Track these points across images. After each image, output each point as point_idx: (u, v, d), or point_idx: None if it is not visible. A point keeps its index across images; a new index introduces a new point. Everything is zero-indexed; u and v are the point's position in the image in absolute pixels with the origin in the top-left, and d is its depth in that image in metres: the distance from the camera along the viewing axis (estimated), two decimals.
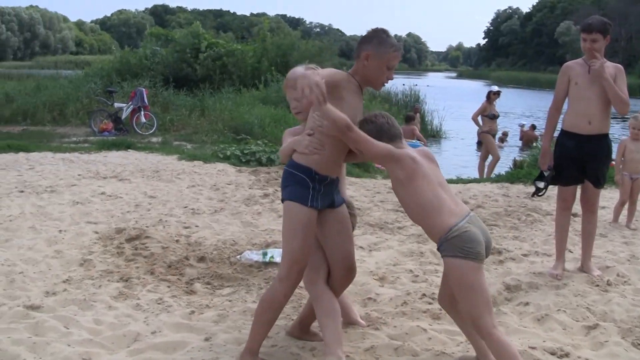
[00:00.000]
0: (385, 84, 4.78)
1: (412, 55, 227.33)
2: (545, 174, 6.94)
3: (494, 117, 16.15)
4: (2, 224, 8.75)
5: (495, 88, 16.60)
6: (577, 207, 7.30)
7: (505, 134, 26.35)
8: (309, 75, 4.11)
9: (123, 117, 22.17)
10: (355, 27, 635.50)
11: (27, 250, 7.56)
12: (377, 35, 4.56)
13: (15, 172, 12.58)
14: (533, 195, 7.27)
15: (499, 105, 17.19)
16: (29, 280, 6.48)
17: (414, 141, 17.37)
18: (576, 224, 8.30)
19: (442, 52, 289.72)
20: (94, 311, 5.65)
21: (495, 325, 4.19)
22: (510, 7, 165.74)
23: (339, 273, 4.71)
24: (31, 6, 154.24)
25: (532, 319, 5.56)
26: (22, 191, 10.99)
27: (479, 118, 16.21)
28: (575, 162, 6.67)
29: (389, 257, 7.45)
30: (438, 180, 4.37)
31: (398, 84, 34.03)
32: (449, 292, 4.48)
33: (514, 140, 26.59)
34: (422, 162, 4.37)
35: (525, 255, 7.61)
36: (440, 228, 4.23)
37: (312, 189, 4.48)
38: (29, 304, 5.72)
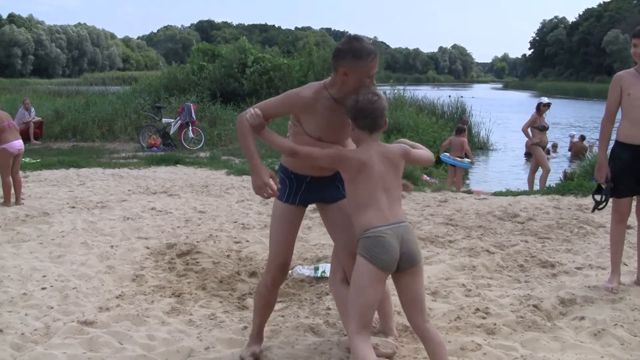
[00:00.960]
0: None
1: (458, 67, 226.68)
2: (603, 186, 6.82)
3: (544, 128, 15.99)
4: (55, 240, 8.84)
5: (545, 100, 16.43)
6: (631, 219, 7.19)
7: (555, 146, 26.10)
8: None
9: (171, 132, 22.34)
10: (400, 39, 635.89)
11: (80, 265, 7.63)
12: (352, 48, 4.42)
13: (67, 188, 12.72)
14: (593, 209, 7.13)
15: (547, 116, 17.01)
16: (82, 296, 6.53)
17: (459, 160, 17.05)
18: (630, 236, 8.17)
19: (487, 63, 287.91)
20: (147, 327, 5.66)
21: (360, 332, 4.24)
22: (556, 17, 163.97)
23: (349, 268, 4.70)
24: (79, 24, 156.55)
25: (589, 333, 5.44)
26: (73, 207, 11.10)
27: (529, 130, 16.05)
28: (632, 173, 6.54)
29: (440, 271, 7.37)
30: (384, 185, 4.40)
31: (444, 95, 33.87)
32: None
33: (563, 151, 26.31)
34: (373, 165, 4.40)
35: (579, 268, 7.47)
36: (361, 225, 4.34)
37: (289, 187, 4.86)
38: (83, 320, 5.76)
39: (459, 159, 16.68)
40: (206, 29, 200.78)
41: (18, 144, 11.50)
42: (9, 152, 11.34)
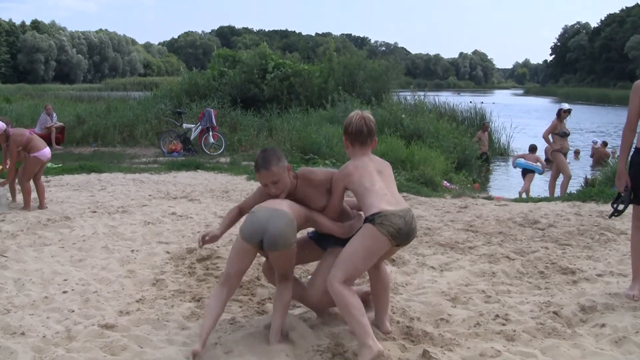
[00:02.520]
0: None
1: (479, 73, 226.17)
2: (622, 194, 6.77)
3: (565, 134, 15.95)
4: (76, 244, 8.88)
5: (565, 106, 16.39)
6: None
7: (577, 152, 26.02)
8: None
9: (192, 137, 22.39)
10: (420, 45, 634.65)
11: (101, 270, 7.67)
12: (255, 159, 5.59)
13: (88, 193, 12.78)
14: (611, 216, 7.10)
15: (568, 122, 16.96)
16: (103, 300, 6.56)
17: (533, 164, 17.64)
18: None
19: (508, 69, 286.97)
20: (167, 331, 5.68)
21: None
22: (578, 22, 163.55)
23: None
24: (100, 30, 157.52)
25: (610, 341, 5.40)
26: (94, 211, 11.16)
27: (550, 136, 16.00)
28: None
29: (460, 277, 7.35)
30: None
31: (465, 101, 33.81)
32: None
33: (585, 157, 26.20)
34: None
35: (599, 275, 7.42)
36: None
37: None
38: (103, 323, 5.79)
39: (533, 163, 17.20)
40: (227, 35, 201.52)
41: (48, 151, 11.66)
42: (40, 160, 11.47)
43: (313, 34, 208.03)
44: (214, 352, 5.09)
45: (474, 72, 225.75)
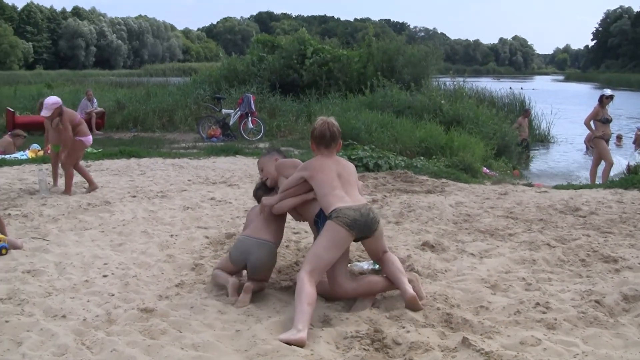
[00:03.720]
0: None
1: (518, 59, 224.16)
2: None
3: (607, 121, 15.76)
4: (116, 229, 8.95)
5: (608, 92, 16.19)
6: None
7: (620, 137, 25.73)
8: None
9: (231, 123, 22.45)
10: (460, 30, 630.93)
11: (140, 254, 7.71)
12: None
13: (128, 178, 12.86)
14: None
15: (610, 108, 16.73)
16: (142, 284, 6.59)
17: None
18: None
19: (548, 54, 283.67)
20: (205, 315, 5.69)
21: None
22: (620, 7, 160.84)
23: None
24: (140, 16, 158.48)
25: None
26: (134, 196, 11.23)
27: (592, 122, 15.82)
28: None
29: (500, 265, 7.28)
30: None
31: (504, 87, 33.55)
32: None
33: (628, 143, 25.90)
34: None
35: None
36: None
37: None
38: (142, 307, 5.81)
39: None
40: (265, 21, 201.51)
41: (91, 138, 11.87)
42: (85, 145, 11.67)
43: (352, 20, 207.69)
44: (252, 331, 5.10)
45: (514, 58, 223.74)
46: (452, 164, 15.63)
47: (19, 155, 16.98)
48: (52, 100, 11.55)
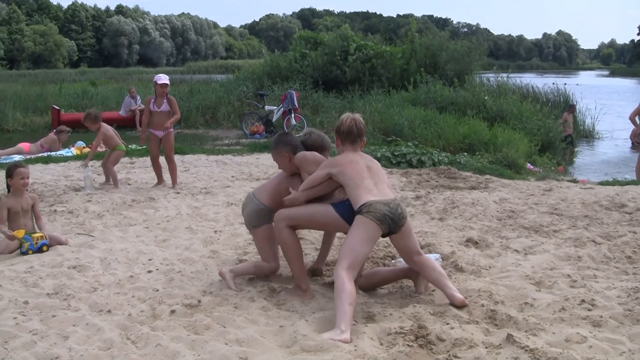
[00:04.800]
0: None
1: (562, 54, 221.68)
2: None
3: None
4: (160, 224, 9.03)
5: None
6: None
7: None
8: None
9: (274, 119, 22.45)
10: (503, 26, 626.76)
11: (185, 250, 7.77)
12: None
13: (165, 175, 12.94)
14: None
15: None
16: (186, 280, 6.64)
17: None
18: None
19: (593, 49, 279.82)
20: (249, 311, 5.71)
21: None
22: None
23: None
24: (183, 13, 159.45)
25: None
26: (178, 192, 11.33)
27: (637, 118, 15.61)
28: None
29: (545, 261, 7.22)
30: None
31: (547, 83, 33.26)
32: None
33: None
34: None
35: None
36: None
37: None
38: (187, 303, 5.86)
39: None
40: (308, 17, 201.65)
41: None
42: (155, 136, 12.03)
43: (394, 16, 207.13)
44: (296, 327, 5.10)
45: (558, 53, 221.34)
46: (496, 160, 15.54)
47: (64, 152, 17.16)
48: (165, 76, 12.45)
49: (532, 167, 16.47)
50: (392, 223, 5.67)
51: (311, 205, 6.14)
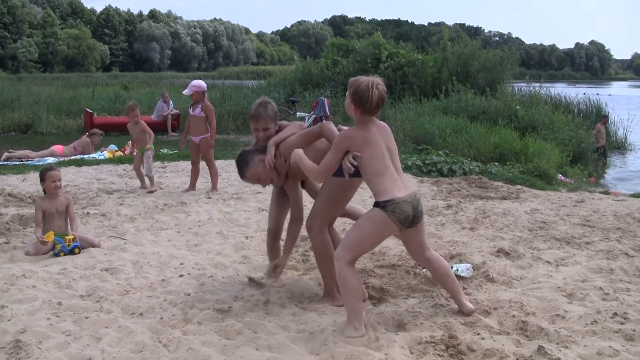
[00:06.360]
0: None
1: (595, 64, 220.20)
2: None
3: None
4: (192, 229, 9.08)
5: None
6: None
7: None
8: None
9: (306, 126, 22.43)
10: (535, 35, 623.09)
11: (216, 255, 7.82)
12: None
13: (203, 179, 12.98)
14: None
15: None
16: (218, 285, 6.69)
17: None
18: None
19: (626, 60, 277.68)
20: (280, 317, 5.74)
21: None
22: None
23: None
24: (215, 19, 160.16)
25: None
26: (209, 197, 11.38)
27: None
28: None
29: (576, 273, 7.17)
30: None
31: (579, 93, 33.04)
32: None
33: None
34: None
35: None
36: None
37: None
38: (218, 308, 5.91)
39: None
40: (339, 24, 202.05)
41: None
42: (192, 141, 12.25)
43: (425, 24, 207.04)
44: (326, 334, 5.12)
45: (590, 63, 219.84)
46: (527, 170, 15.47)
47: (96, 155, 17.32)
48: (199, 82, 12.22)
49: (563, 178, 16.39)
50: (411, 222, 5.34)
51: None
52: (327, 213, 6.07)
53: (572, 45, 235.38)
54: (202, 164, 12.37)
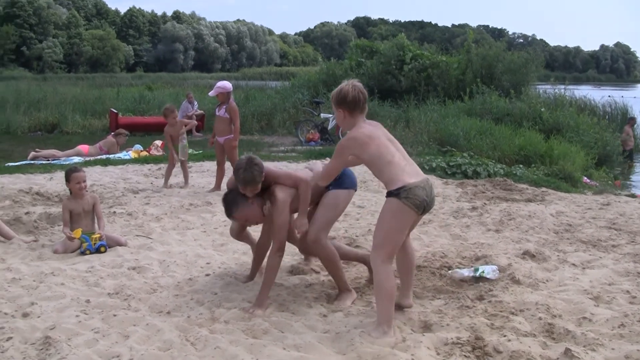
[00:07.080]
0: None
1: (620, 66, 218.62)
2: None
3: None
4: (218, 229, 9.13)
5: None
6: None
7: None
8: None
9: (329, 127, 22.49)
10: (559, 37, 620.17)
11: (242, 254, 7.86)
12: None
13: (226, 179, 13.02)
14: None
15: None
16: (244, 284, 6.71)
17: None
18: None
19: None
20: (307, 317, 5.76)
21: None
22: None
23: None
24: (238, 20, 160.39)
25: None
26: None
27: None
28: None
29: (603, 276, 7.13)
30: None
31: (604, 95, 32.86)
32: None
33: None
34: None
35: None
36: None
37: None
38: (244, 307, 5.94)
39: None
40: (362, 26, 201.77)
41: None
42: (217, 141, 12.55)
43: (449, 25, 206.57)
44: (353, 334, 5.13)
45: (615, 65, 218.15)
46: (552, 172, 15.41)
47: (122, 155, 17.41)
48: (225, 84, 12.69)
49: (588, 180, 16.31)
50: (426, 208, 5.38)
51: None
52: (330, 224, 6.36)
53: (597, 47, 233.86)
54: (228, 164, 12.42)
